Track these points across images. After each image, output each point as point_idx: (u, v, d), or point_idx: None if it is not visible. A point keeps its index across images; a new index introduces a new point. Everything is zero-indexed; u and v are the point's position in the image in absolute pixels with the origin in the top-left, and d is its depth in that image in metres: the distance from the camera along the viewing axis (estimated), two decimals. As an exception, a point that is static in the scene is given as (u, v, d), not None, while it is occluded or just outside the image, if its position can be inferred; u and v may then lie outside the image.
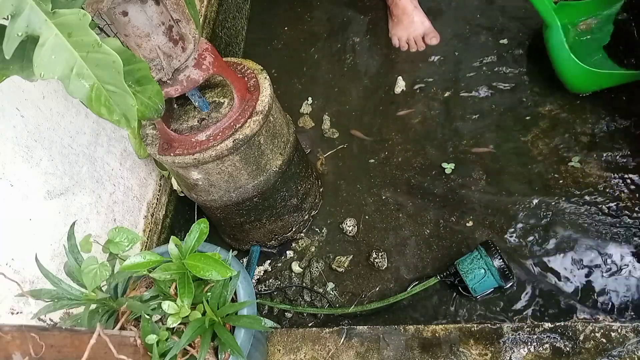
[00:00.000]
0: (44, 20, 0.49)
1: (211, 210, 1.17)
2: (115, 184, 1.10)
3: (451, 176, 1.28)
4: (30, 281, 0.84)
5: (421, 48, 1.54)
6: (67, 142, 0.96)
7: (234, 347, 0.78)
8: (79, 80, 0.52)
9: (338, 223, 1.29)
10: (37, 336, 0.54)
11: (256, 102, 0.99)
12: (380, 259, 1.20)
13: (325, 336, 1.04)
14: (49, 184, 0.91)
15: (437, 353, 0.98)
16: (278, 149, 1.08)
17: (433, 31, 1.54)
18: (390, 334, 1.01)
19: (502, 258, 1.04)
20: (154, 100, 0.64)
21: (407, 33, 1.55)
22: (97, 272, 0.72)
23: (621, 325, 0.94)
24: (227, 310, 0.81)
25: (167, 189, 1.30)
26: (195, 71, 0.88)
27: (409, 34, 1.54)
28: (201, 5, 1.51)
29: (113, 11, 0.76)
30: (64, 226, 0.92)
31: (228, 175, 1.03)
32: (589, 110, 1.29)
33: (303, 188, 1.23)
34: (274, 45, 1.72)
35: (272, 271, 1.27)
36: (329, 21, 1.71)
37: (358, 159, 1.39)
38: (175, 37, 0.84)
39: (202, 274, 0.76)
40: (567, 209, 1.17)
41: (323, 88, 1.56)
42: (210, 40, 1.50)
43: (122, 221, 1.11)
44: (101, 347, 0.64)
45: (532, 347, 0.95)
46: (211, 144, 0.95)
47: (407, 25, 1.54)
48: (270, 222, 1.21)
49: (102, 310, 0.80)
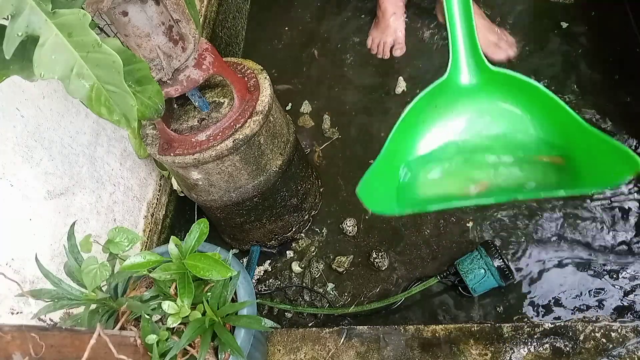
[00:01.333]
0: (44, 20, 0.49)
1: (211, 210, 1.17)
2: (116, 184, 1.10)
3: (451, 176, 1.28)
4: (30, 281, 0.84)
5: (385, 56, 1.53)
6: (67, 142, 0.96)
7: (234, 347, 0.78)
8: (79, 80, 0.52)
9: (338, 223, 1.29)
10: (37, 336, 0.54)
11: (256, 102, 0.99)
12: (380, 259, 1.20)
13: (325, 336, 1.04)
14: (49, 184, 0.91)
15: (437, 353, 0.98)
16: (278, 149, 1.08)
17: (401, 43, 1.52)
18: (390, 334, 1.01)
19: (502, 258, 1.04)
20: (154, 100, 0.64)
21: (379, 37, 1.55)
22: (97, 272, 0.72)
23: (621, 325, 0.94)
24: (227, 310, 0.81)
25: (167, 189, 1.30)
26: (195, 71, 0.88)
27: (381, 39, 1.54)
28: (201, 5, 1.51)
29: (113, 11, 0.76)
30: (64, 226, 0.92)
31: (228, 175, 1.03)
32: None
33: (303, 188, 1.23)
34: (274, 45, 1.71)
35: (272, 271, 1.27)
36: (329, 21, 1.71)
37: (358, 159, 1.39)
38: (175, 37, 0.84)
39: (202, 274, 0.76)
40: (568, 209, 1.17)
41: (323, 88, 1.56)
42: (210, 40, 1.50)
43: (122, 221, 1.11)
44: (101, 347, 0.64)
45: (532, 347, 0.94)
46: (211, 144, 0.95)
47: (382, 29, 1.54)
48: (270, 222, 1.21)
49: (102, 310, 0.80)
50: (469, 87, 0.85)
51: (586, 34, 1.42)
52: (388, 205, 0.81)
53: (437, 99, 0.85)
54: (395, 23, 1.52)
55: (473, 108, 0.86)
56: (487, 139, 0.85)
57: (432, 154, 0.85)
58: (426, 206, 0.85)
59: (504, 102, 0.84)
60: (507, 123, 0.84)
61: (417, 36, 1.55)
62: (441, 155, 0.85)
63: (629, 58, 1.35)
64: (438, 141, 0.86)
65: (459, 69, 0.84)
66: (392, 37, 1.52)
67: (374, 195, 0.79)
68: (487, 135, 0.85)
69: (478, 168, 0.83)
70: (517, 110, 0.84)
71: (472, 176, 0.83)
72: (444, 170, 0.84)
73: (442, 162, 0.85)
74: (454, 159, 0.85)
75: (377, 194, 0.80)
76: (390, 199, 0.82)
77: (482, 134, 0.85)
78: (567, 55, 1.39)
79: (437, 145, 0.86)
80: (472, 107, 0.85)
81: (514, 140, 0.83)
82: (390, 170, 0.83)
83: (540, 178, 0.80)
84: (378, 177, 0.80)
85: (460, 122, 0.86)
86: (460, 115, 0.86)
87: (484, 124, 0.86)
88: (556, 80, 1.35)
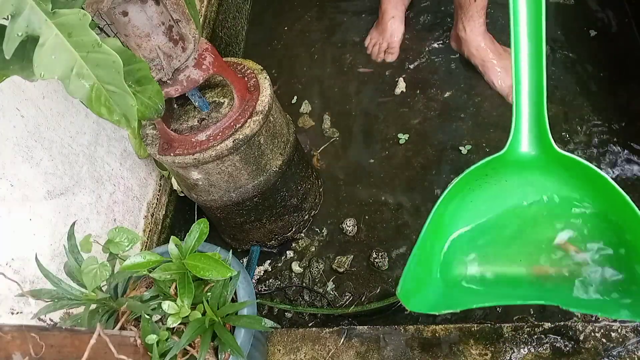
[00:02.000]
0: (44, 20, 0.49)
1: (211, 210, 1.17)
2: (116, 184, 1.10)
3: (451, 176, 1.28)
4: (30, 281, 0.84)
5: (378, 59, 1.53)
6: (67, 142, 0.96)
7: (234, 347, 0.78)
8: (79, 80, 0.52)
9: (338, 223, 1.29)
10: (37, 336, 0.54)
11: (256, 102, 0.99)
12: (381, 259, 1.20)
13: (325, 336, 1.04)
14: (49, 184, 0.91)
15: (437, 353, 0.98)
16: (278, 149, 1.08)
17: (394, 48, 1.51)
18: (390, 334, 1.01)
19: (502, 258, 1.03)
20: (154, 100, 0.64)
21: (376, 38, 1.54)
22: (97, 272, 0.72)
23: (621, 325, 0.94)
24: (227, 310, 0.81)
25: (167, 189, 1.30)
26: (195, 71, 0.88)
27: (377, 40, 1.54)
28: (201, 5, 1.51)
29: (113, 11, 0.76)
30: (64, 226, 0.92)
31: (228, 175, 1.03)
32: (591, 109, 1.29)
33: (303, 188, 1.23)
34: (274, 45, 1.71)
35: (272, 271, 1.27)
36: (329, 21, 1.71)
37: (358, 159, 1.39)
38: (175, 37, 0.84)
39: (202, 274, 0.76)
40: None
41: (323, 88, 1.56)
42: (210, 40, 1.50)
43: (122, 221, 1.11)
44: (101, 347, 0.64)
45: (532, 347, 0.94)
46: (211, 144, 0.95)
47: (380, 31, 1.54)
48: (270, 222, 1.21)
49: (102, 310, 0.80)
50: (528, 157, 0.77)
51: (586, 34, 1.42)
52: (432, 300, 0.75)
53: (489, 170, 0.78)
54: (392, 26, 1.51)
55: (528, 181, 0.78)
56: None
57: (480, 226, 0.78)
58: (471, 303, 0.78)
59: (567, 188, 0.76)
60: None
61: (419, 41, 1.55)
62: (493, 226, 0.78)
63: (629, 58, 1.35)
64: (486, 213, 0.79)
65: (519, 141, 0.76)
66: (387, 41, 1.52)
67: (417, 293, 0.73)
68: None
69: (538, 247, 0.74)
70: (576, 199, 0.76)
71: (529, 254, 0.74)
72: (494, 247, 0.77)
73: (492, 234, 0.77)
74: (508, 228, 0.77)
75: (421, 290, 0.74)
76: (431, 294, 0.76)
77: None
78: (567, 56, 1.40)
79: (487, 217, 0.79)
80: (527, 179, 0.78)
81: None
82: (429, 258, 0.77)
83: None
84: (417, 269, 0.74)
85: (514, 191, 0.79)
86: (513, 185, 0.79)
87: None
88: (556, 81, 1.35)
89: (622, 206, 0.70)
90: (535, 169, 0.78)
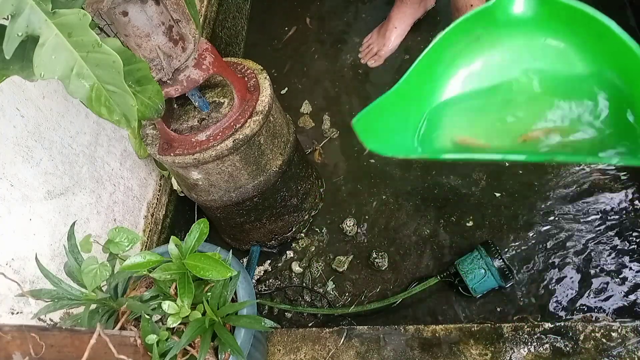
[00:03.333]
0: (44, 20, 0.49)
1: (211, 210, 1.17)
2: (116, 184, 1.10)
3: (451, 176, 1.28)
4: (30, 281, 0.84)
5: (363, 61, 1.55)
6: (67, 142, 0.96)
7: (234, 347, 0.78)
8: (79, 80, 0.52)
9: (338, 223, 1.29)
10: (37, 336, 0.54)
11: (256, 102, 0.99)
12: (380, 259, 1.20)
13: (325, 336, 1.04)
14: (49, 184, 0.91)
15: (437, 353, 0.98)
16: (278, 149, 1.08)
17: (381, 57, 1.53)
18: (390, 334, 1.01)
19: (502, 258, 1.04)
20: (154, 100, 0.64)
21: (373, 40, 1.56)
22: (97, 272, 0.72)
23: (621, 325, 0.94)
24: (227, 310, 0.81)
25: (167, 189, 1.30)
26: (195, 71, 0.88)
27: (373, 42, 1.55)
28: (201, 5, 1.51)
29: (113, 11, 0.76)
30: (64, 226, 0.92)
31: (228, 175, 1.03)
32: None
33: (303, 188, 1.23)
34: (274, 45, 1.72)
35: (272, 271, 1.27)
36: (329, 21, 1.71)
37: (358, 159, 1.39)
38: (175, 37, 0.84)
39: (202, 274, 0.76)
40: (568, 209, 1.17)
41: (323, 88, 1.56)
42: (210, 40, 1.50)
43: (122, 221, 1.11)
44: (101, 347, 0.64)
45: (532, 347, 0.94)
46: (211, 144, 0.95)
47: (381, 35, 1.54)
48: (271, 222, 1.21)
49: (102, 310, 0.80)
50: (521, 18, 0.67)
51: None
52: (389, 144, 0.68)
53: (479, 28, 0.68)
54: (391, 36, 1.52)
55: (521, 44, 0.68)
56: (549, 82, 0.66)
57: (466, 95, 0.70)
58: (440, 153, 0.69)
59: (571, 46, 0.65)
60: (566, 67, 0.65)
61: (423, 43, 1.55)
62: (480, 96, 0.69)
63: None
64: (475, 82, 0.70)
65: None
66: (379, 47, 1.53)
67: (375, 131, 0.65)
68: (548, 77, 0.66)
69: (532, 114, 0.64)
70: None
71: (521, 123, 0.65)
72: (480, 115, 0.68)
73: (479, 105, 0.69)
74: (494, 101, 0.68)
75: (381, 129, 0.67)
76: (395, 137, 0.68)
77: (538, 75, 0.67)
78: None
79: (474, 87, 0.70)
80: (521, 42, 0.68)
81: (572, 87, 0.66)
82: (404, 106, 0.69)
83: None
84: (386, 110, 0.66)
85: (506, 60, 0.69)
86: (505, 52, 0.69)
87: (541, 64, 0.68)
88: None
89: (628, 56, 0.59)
90: (532, 31, 0.68)
